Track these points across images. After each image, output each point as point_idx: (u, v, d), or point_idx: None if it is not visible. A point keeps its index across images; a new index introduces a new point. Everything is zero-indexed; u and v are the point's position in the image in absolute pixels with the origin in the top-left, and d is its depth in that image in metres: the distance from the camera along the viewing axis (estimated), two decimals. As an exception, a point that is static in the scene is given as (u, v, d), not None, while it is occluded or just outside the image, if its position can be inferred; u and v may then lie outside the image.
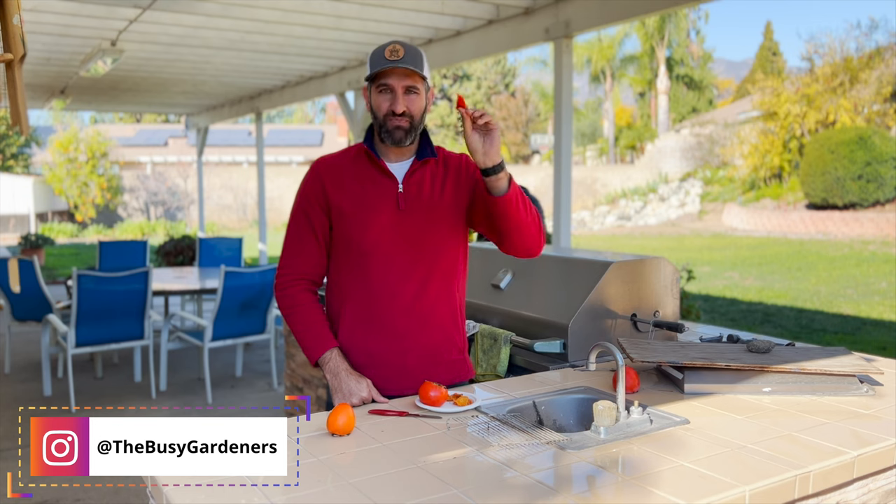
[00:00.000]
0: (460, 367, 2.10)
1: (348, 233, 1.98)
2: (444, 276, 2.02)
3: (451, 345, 2.06)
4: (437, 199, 2.00)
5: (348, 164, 2.03)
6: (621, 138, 35.00)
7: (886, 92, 19.50)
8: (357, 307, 2.00)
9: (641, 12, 4.66)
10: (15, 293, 5.70)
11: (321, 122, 52.61)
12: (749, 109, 24.87)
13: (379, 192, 1.98)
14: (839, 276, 11.79)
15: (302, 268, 2.04)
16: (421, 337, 2.00)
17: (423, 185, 2.00)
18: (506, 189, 1.83)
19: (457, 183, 2.03)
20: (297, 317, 2.02)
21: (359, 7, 5.42)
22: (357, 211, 1.97)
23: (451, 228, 2.01)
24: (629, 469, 1.48)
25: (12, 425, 4.75)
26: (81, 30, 6.11)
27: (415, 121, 1.94)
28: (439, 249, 2.00)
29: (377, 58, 1.92)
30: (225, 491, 1.37)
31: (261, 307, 5.50)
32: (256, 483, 1.41)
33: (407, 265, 1.97)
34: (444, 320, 2.03)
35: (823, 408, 1.86)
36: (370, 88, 1.97)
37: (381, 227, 1.96)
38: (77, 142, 23.80)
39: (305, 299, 2.03)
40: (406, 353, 1.99)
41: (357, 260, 1.98)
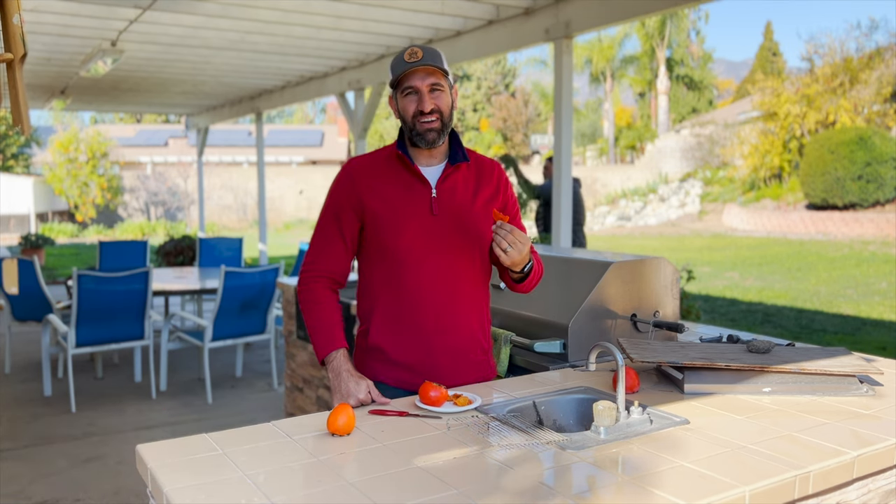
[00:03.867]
0: (485, 368, 2.15)
1: (382, 237, 2.00)
2: (473, 281, 2.07)
3: (476, 345, 2.11)
4: (469, 205, 2.04)
5: (381, 167, 2.05)
6: (621, 138, 35.01)
7: (886, 92, 19.50)
8: (388, 308, 2.04)
9: (641, 12, 4.66)
10: (13, 295, 5.70)
11: (321, 122, 52.62)
12: (749, 110, 24.87)
13: (413, 197, 2.00)
14: (839, 277, 11.79)
15: (326, 266, 2.07)
16: (449, 339, 2.04)
17: (455, 191, 2.03)
18: (522, 279, 2.02)
19: (488, 195, 2.08)
20: (313, 313, 2.05)
21: (359, 7, 5.42)
22: (391, 216, 1.99)
23: (480, 234, 2.05)
24: (629, 469, 1.48)
25: (12, 425, 4.75)
26: (82, 30, 6.11)
27: (444, 117, 1.97)
28: (471, 254, 2.04)
29: (397, 63, 1.95)
30: (225, 491, 1.37)
31: (261, 307, 5.50)
32: (257, 483, 1.41)
33: (439, 270, 2.00)
34: (471, 322, 2.08)
35: (823, 408, 1.86)
36: (395, 96, 1.99)
37: (415, 232, 1.99)
38: (77, 142, 23.80)
39: (324, 297, 2.06)
40: (434, 354, 2.03)
41: (390, 263, 2.02)
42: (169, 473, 1.45)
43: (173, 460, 1.51)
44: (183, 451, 1.56)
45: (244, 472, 1.45)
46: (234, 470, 1.47)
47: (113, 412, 5.04)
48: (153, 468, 1.47)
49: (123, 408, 5.14)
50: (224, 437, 1.65)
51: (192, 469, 1.47)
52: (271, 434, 1.68)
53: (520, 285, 2.05)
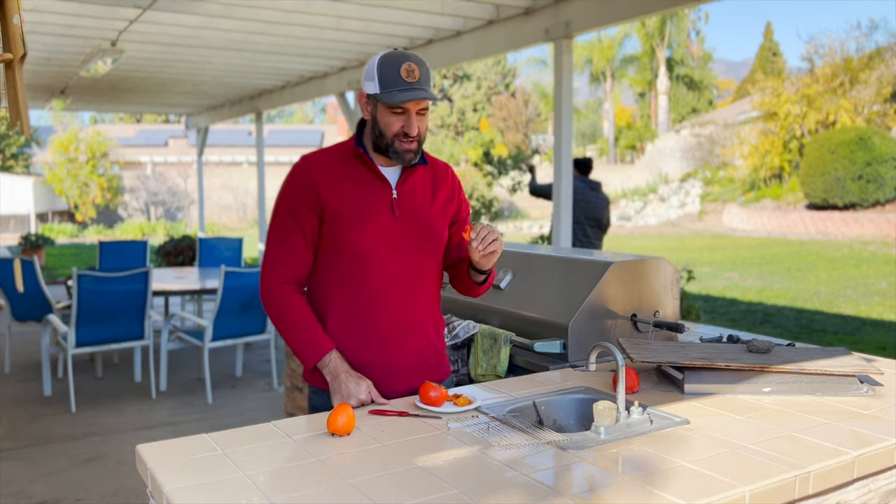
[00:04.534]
0: (438, 370, 2.13)
1: (342, 235, 1.95)
2: (430, 283, 2.06)
3: (431, 348, 2.09)
4: (428, 208, 2.03)
5: (339, 164, 1.99)
6: (621, 138, 35.01)
7: (886, 92, 19.50)
8: (344, 309, 1.98)
9: (642, 12, 4.65)
10: (19, 293, 5.70)
11: (321, 122, 52.62)
12: (749, 110, 24.87)
13: (374, 197, 1.97)
14: (839, 277, 11.79)
15: (289, 268, 1.98)
16: (406, 342, 2.02)
17: (414, 193, 2.02)
18: (485, 280, 2.08)
19: (445, 198, 2.08)
20: (287, 320, 1.97)
21: (359, 7, 5.42)
22: (352, 213, 1.94)
23: (437, 236, 2.05)
24: (629, 469, 1.48)
25: (12, 425, 4.75)
26: (82, 30, 6.11)
27: (422, 140, 1.96)
28: (429, 257, 2.04)
29: (393, 77, 1.85)
30: (225, 491, 1.37)
31: (261, 307, 5.50)
32: (257, 483, 1.41)
33: (399, 271, 1.98)
34: (426, 324, 2.06)
35: (823, 408, 1.86)
36: (377, 103, 1.91)
37: (377, 232, 1.95)
38: (77, 142, 23.81)
39: (295, 301, 1.97)
40: (391, 355, 2.00)
41: (349, 263, 1.96)
42: (169, 473, 1.44)
43: (173, 460, 1.51)
44: (183, 451, 1.56)
45: (244, 472, 1.45)
46: (234, 470, 1.47)
47: (113, 412, 5.04)
48: (153, 468, 1.47)
49: (123, 408, 5.14)
50: (224, 437, 1.65)
51: (192, 469, 1.47)
52: (271, 434, 1.68)
53: (478, 287, 2.10)
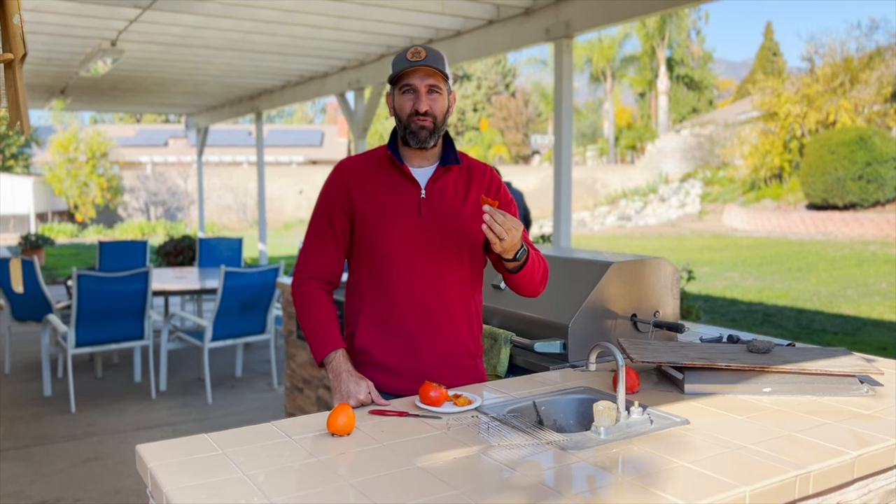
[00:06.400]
0: (473, 373, 2.13)
1: (371, 238, 2.00)
2: (461, 284, 2.05)
3: (464, 350, 2.09)
4: (459, 208, 2.03)
5: (372, 168, 2.05)
6: (621, 138, 35.01)
7: (887, 92, 19.50)
8: (375, 309, 2.03)
9: (642, 12, 4.65)
10: (17, 293, 5.70)
11: (321, 122, 52.62)
12: (749, 110, 24.87)
13: (401, 198, 2.00)
14: (839, 277, 11.79)
15: (319, 267, 2.06)
16: (436, 342, 2.02)
17: (445, 192, 2.02)
18: (519, 268, 1.94)
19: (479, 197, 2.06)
20: (307, 315, 2.04)
21: (359, 7, 5.42)
22: (379, 216, 1.99)
23: (470, 237, 2.03)
24: (629, 469, 1.48)
25: (12, 425, 4.75)
26: (81, 30, 6.11)
27: (437, 121, 1.97)
28: (459, 257, 2.03)
29: (399, 60, 1.96)
30: (225, 491, 1.37)
31: (261, 307, 5.50)
32: (256, 483, 1.41)
33: (427, 272, 1.99)
34: (459, 326, 2.06)
35: (823, 408, 1.86)
36: (393, 92, 2.00)
37: (403, 233, 1.98)
38: (77, 142, 23.81)
39: (318, 298, 2.05)
40: (421, 357, 2.02)
41: (378, 264, 2.01)
42: (169, 473, 1.44)
43: (173, 460, 1.51)
44: (183, 451, 1.56)
45: (244, 473, 1.45)
46: (234, 470, 1.47)
47: (113, 412, 5.04)
48: (153, 468, 1.47)
49: (123, 408, 5.14)
50: (224, 437, 1.65)
51: (192, 469, 1.47)
52: (271, 434, 1.68)
53: (517, 279, 1.97)
